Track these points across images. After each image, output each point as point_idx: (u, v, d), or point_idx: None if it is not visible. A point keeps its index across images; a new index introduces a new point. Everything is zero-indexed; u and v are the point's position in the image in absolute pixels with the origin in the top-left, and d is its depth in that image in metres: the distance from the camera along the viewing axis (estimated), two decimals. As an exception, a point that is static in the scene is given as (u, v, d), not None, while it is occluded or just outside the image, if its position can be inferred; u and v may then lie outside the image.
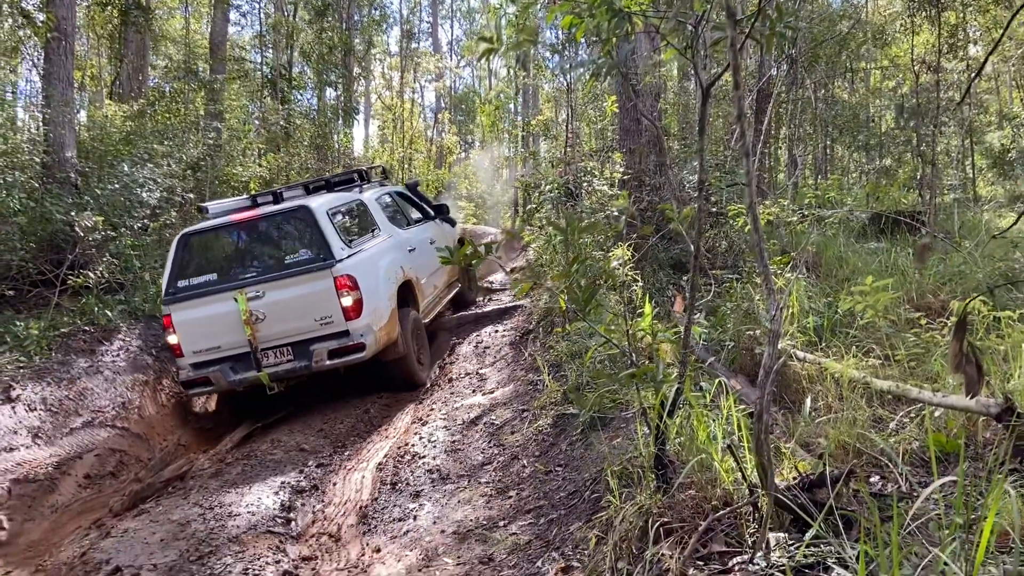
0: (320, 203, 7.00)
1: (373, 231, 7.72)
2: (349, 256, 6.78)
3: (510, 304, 10.42)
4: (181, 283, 6.78)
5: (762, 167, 11.15)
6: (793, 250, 7.04)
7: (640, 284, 7.11)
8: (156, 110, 12.54)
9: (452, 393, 7.24)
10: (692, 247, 2.86)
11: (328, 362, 6.60)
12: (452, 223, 10.54)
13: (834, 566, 2.01)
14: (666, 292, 7.79)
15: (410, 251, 8.18)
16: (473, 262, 3.02)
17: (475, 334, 9.49)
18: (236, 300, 6.57)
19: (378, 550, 4.12)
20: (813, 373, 4.59)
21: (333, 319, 6.61)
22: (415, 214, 9.37)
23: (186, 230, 7.13)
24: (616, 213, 8.44)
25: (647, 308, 5.53)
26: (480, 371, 7.79)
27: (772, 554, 2.20)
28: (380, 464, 5.63)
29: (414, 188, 9.83)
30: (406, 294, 7.73)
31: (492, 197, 32.93)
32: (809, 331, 5.34)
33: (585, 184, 10.01)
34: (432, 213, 9.83)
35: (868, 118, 15.40)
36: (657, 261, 8.57)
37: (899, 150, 12.40)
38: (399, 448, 5.88)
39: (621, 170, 9.66)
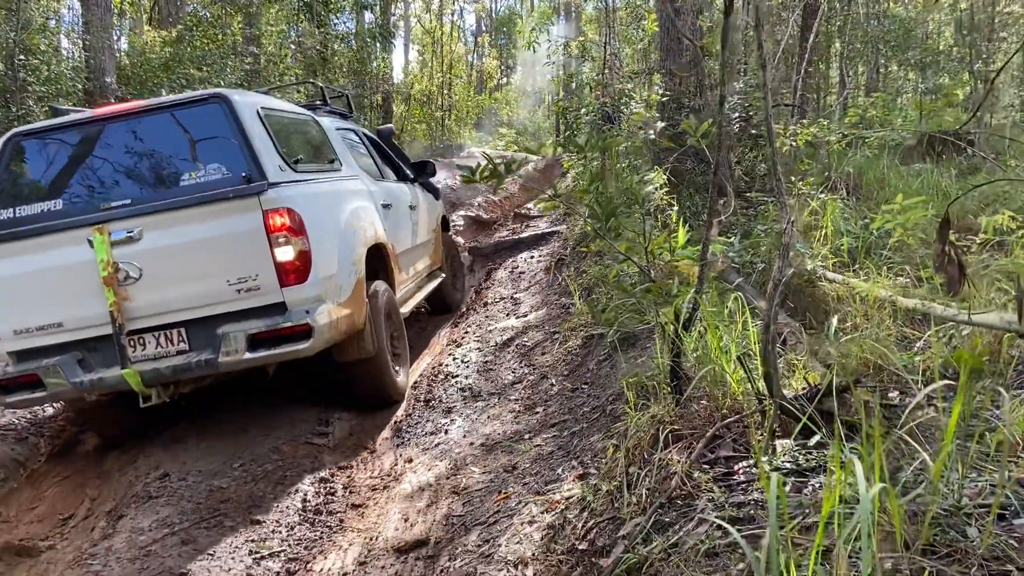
0: (247, 97, 4.59)
1: (332, 162, 5.35)
2: (291, 182, 4.33)
3: (546, 230, 10.47)
4: (1, 214, 4.28)
5: (807, 87, 10.80)
6: (834, 171, 6.91)
7: (676, 208, 7.05)
8: (194, 36, 12.56)
9: (487, 317, 7.38)
10: (713, 162, 2.84)
11: (248, 355, 4.12)
12: (436, 193, 7.81)
13: (835, 469, 2.07)
14: (701, 217, 7.73)
15: (384, 207, 5.76)
16: (493, 181, 3.05)
17: (511, 260, 9.59)
18: (91, 243, 4.11)
19: (410, 460, 4.30)
20: (842, 294, 4.59)
21: (260, 282, 4.15)
22: (389, 173, 6.72)
23: (17, 130, 4.57)
24: (653, 136, 8.35)
25: (680, 231, 5.56)
26: (514, 296, 7.90)
27: (777, 459, 2.27)
28: (415, 383, 5.82)
29: (388, 138, 7.25)
30: (376, 264, 5.35)
31: (533, 123, 32.62)
32: (843, 252, 5.29)
33: (623, 107, 9.86)
34: (410, 174, 7.17)
35: (925, 34, 14.72)
36: (694, 185, 8.48)
37: (954, 67, 11.87)
38: (433, 368, 6.05)
39: (660, 92, 9.47)
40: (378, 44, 18.92)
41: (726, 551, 1.97)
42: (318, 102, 6.36)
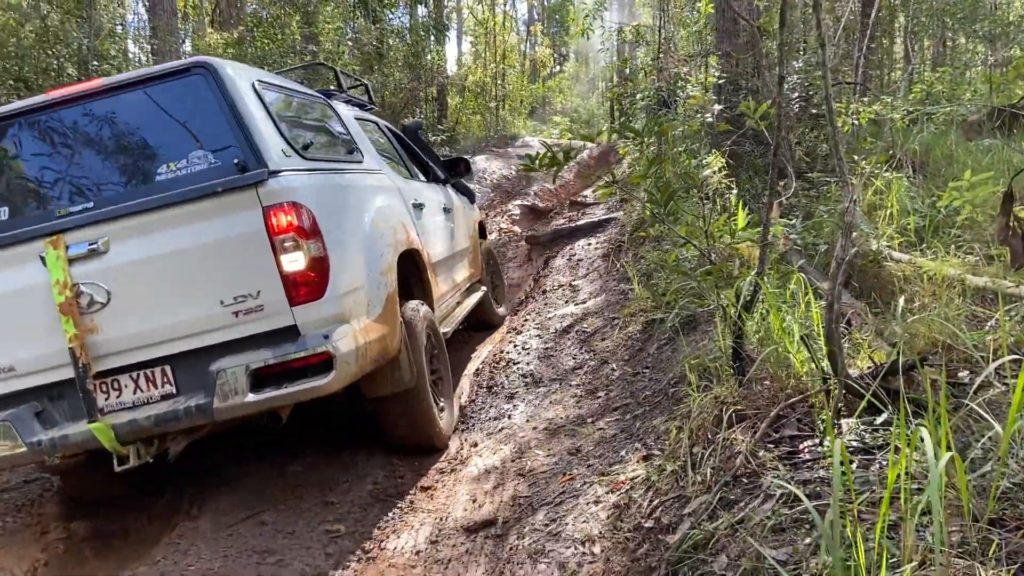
0: (240, 69, 3.68)
1: (351, 152, 4.47)
2: (299, 171, 3.46)
3: (603, 218, 10.46)
4: None
5: (870, 63, 10.53)
6: (899, 149, 6.75)
7: (735, 191, 6.99)
8: (255, 36, 12.89)
9: (546, 304, 7.44)
10: (772, 144, 2.85)
11: (252, 396, 3.23)
12: (471, 196, 7.09)
13: (901, 445, 2.08)
14: (761, 199, 7.63)
15: (416, 207, 4.92)
16: (553, 168, 3.11)
17: (568, 247, 9.63)
18: (44, 260, 3.25)
19: (475, 445, 4.41)
20: (910, 274, 4.51)
21: (263, 300, 3.26)
22: (418, 173, 5.83)
23: None
24: (710, 119, 8.27)
25: (740, 214, 5.52)
26: (573, 283, 7.95)
27: (843, 437, 2.28)
28: (477, 370, 5.93)
29: (415, 133, 6.31)
30: (409, 275, 4.51)
31: (587, 110, 32.46)
32: (909, 232, 5.19)
33: (679, 91, 9.78)
34: (442, 174, 6.33)
35: (993, 5, 14.16)
36: (753, 168, 8.37)
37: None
38: (495, 356, 6.15)
39: (717, 74, 9.36)
40: (432, 37, 19.08)
41: (792, 526, 2.01)
42: (333, 88, 5.43)
